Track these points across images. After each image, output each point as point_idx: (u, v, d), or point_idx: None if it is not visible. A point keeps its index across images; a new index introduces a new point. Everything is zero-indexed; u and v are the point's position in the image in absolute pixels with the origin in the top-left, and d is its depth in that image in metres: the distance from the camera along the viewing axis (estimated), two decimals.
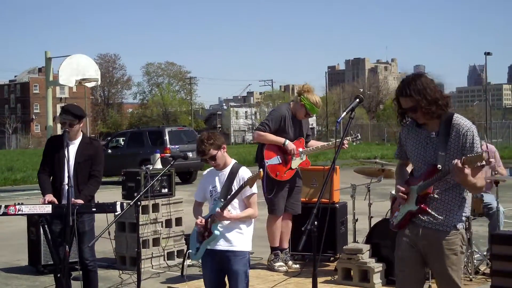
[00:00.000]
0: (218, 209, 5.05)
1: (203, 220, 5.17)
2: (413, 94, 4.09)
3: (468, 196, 4.26)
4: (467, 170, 3.90)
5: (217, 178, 5.25)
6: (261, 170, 5.07)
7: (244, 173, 5.20)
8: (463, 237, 4.22)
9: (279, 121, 7.78)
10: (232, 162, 5.30)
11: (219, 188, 5.20)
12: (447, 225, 4.17)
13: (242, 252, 5.12)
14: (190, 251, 5.42)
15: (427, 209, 4.17)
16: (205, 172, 5.48)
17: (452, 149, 4.12)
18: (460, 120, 4.17)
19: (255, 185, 5.09)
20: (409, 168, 4.47)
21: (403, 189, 4.26)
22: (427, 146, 4.22)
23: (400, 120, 4.33)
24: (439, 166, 4.09)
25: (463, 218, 4.22)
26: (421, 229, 4.21)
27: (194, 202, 5.45)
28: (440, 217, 4.17)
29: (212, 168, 5.35)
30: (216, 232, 5.07)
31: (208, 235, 5.12)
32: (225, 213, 5.04)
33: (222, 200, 5.10)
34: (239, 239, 5.12)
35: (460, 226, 4.19)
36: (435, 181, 4.12)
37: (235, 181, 5.15)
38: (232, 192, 5.07)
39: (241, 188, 5.02)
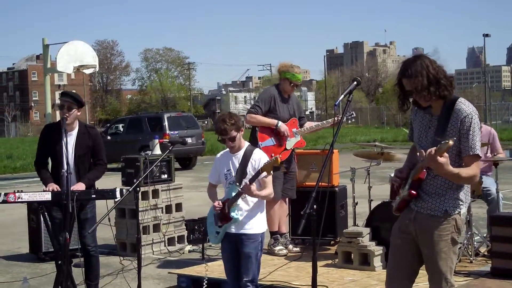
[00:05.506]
0: (246, 182, 5.00)
1: (221, 203, 5.18)
2: (415, 75, 3.90)
3: None
4: (442, 159, 3.73)
5: (231, 161, 5.24)
6: (278, 156, 5.02)
7: (258, 155, 5.20)
8: (456, 224, 4.03)
9: (269, 101, 7.75)
10: (245, 145, 5.28)
11: (233, 172, 5.20)
12: (438, 209, 4.02)
13: (254, 235, 5.17)
14: (209, 236, 5.41)
15: (417, 194, 4.06)
16: (218, 154, 5.45)
17: (449, 134, 3.94)
18: (461, 105, 3.94)
19: None
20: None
21: (398, 173, 4.18)
22: (428, 130, 4.08)
23: (400, 105, 4.13)
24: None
25: (459, 204, 4.04)
26: (414, 214, 4.11)
27: (208, 184, 5.44)
28: (431, 201, 4.04)
29: (226, 150, 5.33)
30: (236, 216, 5.10)
31: (226, 218, 5.14)
32: (253, 187, 4.99)
33: (237, 184, 5.10)
34: (252, 222, 5.18)
35: (453, 211, 4.01)
36: (424, 166, 3.96)
37: (249, 164, 5.15)
38: (247, 176, 5.06)
39: (258, 173, 5.01)
